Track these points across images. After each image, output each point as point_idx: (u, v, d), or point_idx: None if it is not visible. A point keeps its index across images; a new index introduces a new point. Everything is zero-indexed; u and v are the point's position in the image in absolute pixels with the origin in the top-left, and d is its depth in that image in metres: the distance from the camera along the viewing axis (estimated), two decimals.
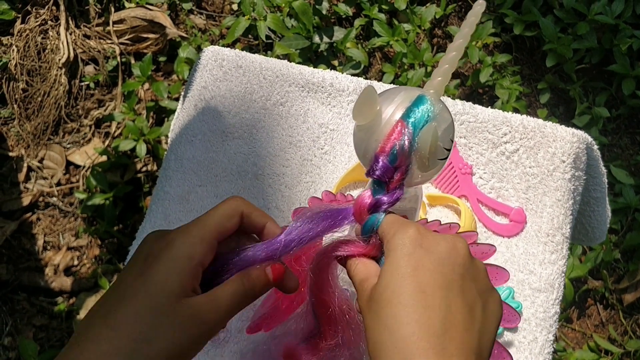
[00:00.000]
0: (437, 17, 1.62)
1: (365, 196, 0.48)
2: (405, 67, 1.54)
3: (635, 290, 1.45)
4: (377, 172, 0.47)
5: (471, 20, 0.50)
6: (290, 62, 0.81)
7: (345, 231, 0.51)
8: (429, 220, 0.55)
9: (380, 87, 0.79)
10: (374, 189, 0.48)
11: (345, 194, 0.57)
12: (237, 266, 0.46)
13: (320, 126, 0.78)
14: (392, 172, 0.47)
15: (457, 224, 0.55)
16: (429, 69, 1.52)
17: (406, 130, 0.46)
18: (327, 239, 0.51)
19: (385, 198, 0.47)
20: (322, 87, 0.79)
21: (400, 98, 0.48)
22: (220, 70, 0.80)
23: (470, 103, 0.79)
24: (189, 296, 0.42)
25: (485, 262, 0.56)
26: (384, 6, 1.60)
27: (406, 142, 0.46)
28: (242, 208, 0.46)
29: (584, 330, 1.45)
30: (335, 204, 0.52)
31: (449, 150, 0.49)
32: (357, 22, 1.58)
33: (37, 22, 1.59)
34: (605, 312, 1.47)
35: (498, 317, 0.44)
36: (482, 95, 1.60)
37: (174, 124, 0.85)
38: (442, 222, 0.55)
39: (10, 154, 1.53)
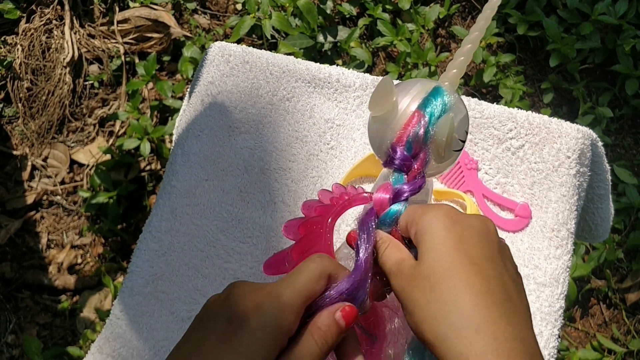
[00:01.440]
0: (440, 17, 1.63)
1: (385, 187, 0.49)
2: (409, 66, 1.54)
3: (639, 290, 1.45)
4: (396, 162, 0.47)
5: (487, 14, 0.50)
6: None
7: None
8: None
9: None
10: (394, 179, 0.49)
11: (356, 187, 0.57)
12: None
13: (327, 121, 0.79)
14: (410, 161, 0.47)
15: None
16: (433, 68, 1.53)
17: (423, 120, 0.47)
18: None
19: (405, 187, 0.48)
20: (329, 82, 0.80)
21: (416, 89, 0.48)
22: (227, 65, 0.80)
23: (476, 99, 0.80)
24: None
25: None
26: (387, 6, 1.60)
27: (421, 130, 0.46)
28: (330, 270, 0.43)
29: (587, 329, 1.45)
30: (355, 197, 0.52)
31: (463, 142, 0.49)
32: (361, 22, 1.59)
33: (41, 21, 1.60)
34: (609, 312, 1.47)
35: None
36: (485, 95, 1.61)
37: (180, 120, 0.85)
38: None
39: (15, 152, 1.53)
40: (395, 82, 0.78)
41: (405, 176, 0.48)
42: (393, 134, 0.48)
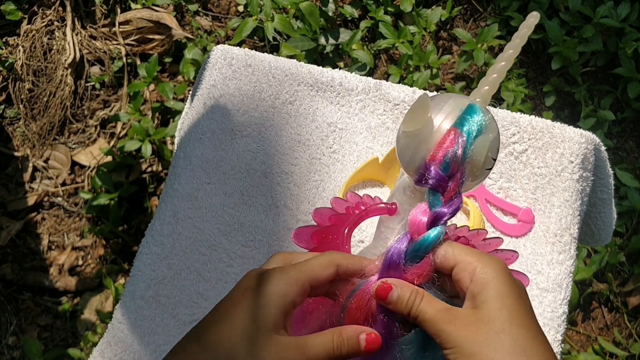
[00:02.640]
0: (442, 19, 1.62)
1: (421, 210, 0.47)
2: (411, 69, 1.54)
3: None
4: (431, 182, 0.46)
5: (523, 32, 0.49)
6: None
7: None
8: (457, 226, 0.54)
9: (393, 87, 0.79)
10: (429, 201, 0.47)
11: (373, 197, 0.56)
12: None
13: (329, 125, 0.79)
14: (445, 181, 0.46)
15: (485, 230, 0.54)
16: (435, 71, 1.52)
17: (460, 139, 0.46)
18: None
19: (445, 209, 0.46)
20: (331, 86, 0.79)
21: (449, 106, 0.47)
22: (230, 68, 0.80)
23: None
24: (279, 334, 0.44)
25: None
26: (389, 8, 1.60)
27: (459, 151, 0.45)
28: (339, 260, 0.47)
29: (589, 333, 1.45)
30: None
31: (495, 160, 0.48)
32: (363, 24, 1.59)
33: (43, 22, 1.60)
34: (610, 315, 1.47)
35: None
36: None
37: (182, 123, 0.85)
38: (470, 229, 0.53)
39: (16, 153, 1.53)
40: (398, 86, 0.78)
41: (442, 197, 0.47)
42: (427, 151, 0.47)
